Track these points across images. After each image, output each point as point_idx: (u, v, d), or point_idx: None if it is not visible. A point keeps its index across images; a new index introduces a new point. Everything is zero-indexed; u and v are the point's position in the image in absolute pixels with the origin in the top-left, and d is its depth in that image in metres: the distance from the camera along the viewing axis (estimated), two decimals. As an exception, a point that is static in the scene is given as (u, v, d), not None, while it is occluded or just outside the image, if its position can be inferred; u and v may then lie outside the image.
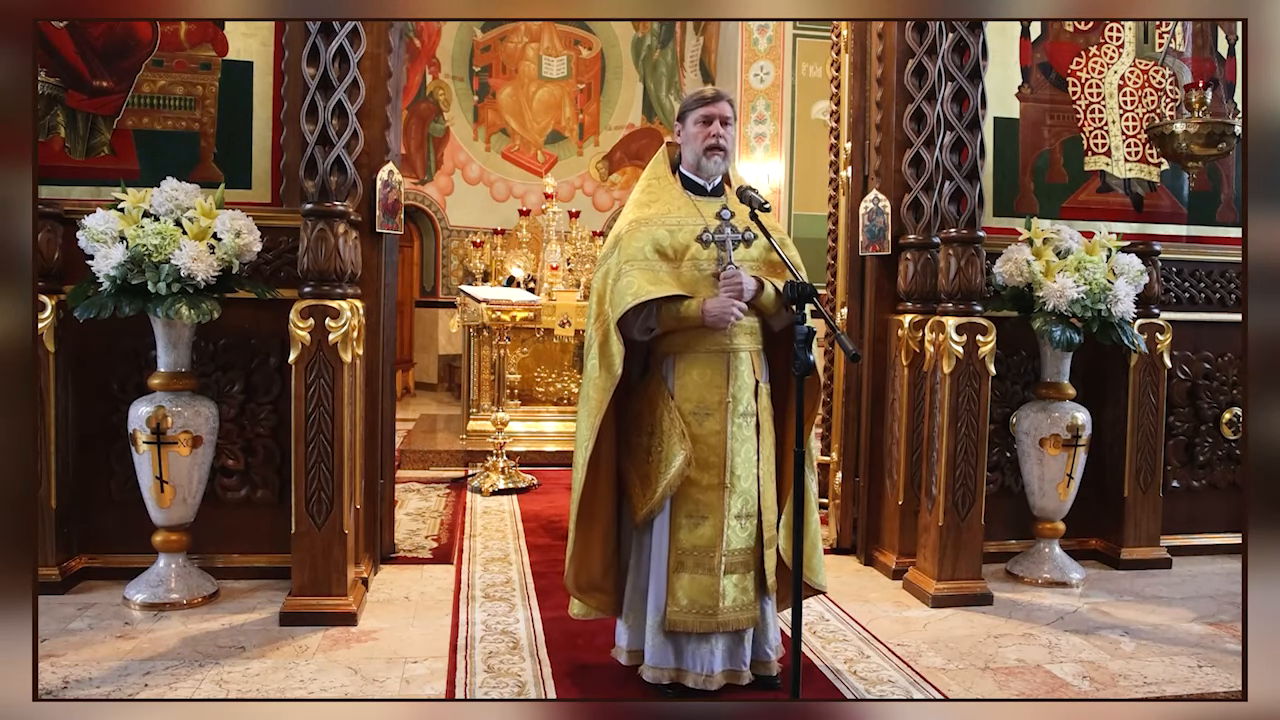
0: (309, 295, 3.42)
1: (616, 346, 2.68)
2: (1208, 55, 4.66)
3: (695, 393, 2.74)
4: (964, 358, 3.74)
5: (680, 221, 2.78)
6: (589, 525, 2.81)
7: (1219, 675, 3.08)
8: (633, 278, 2.68)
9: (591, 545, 2.82)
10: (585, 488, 2.77)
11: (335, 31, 3.45)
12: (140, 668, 2.93)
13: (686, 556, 2.73)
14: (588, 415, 2.75)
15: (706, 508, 2.72)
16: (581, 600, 2.88)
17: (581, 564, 2.82)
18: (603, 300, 2.75)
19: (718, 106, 2.81)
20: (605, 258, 2.81)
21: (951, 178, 3.82)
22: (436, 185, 11.48)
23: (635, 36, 11.89)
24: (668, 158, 2.94)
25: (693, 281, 2.73)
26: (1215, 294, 4.62)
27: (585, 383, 2.78)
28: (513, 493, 5.79)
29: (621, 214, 2.90)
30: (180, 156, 3.81)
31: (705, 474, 2.72)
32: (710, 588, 2.71)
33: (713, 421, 2.73)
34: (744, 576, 2.75)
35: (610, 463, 2.84)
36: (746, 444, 2.75)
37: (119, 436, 3.65)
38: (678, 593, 2.72)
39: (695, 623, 2.71)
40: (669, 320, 2.72)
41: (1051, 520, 4.17)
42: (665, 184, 2.88)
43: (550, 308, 7.14)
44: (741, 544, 2.75)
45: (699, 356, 2.75)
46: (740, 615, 2.74)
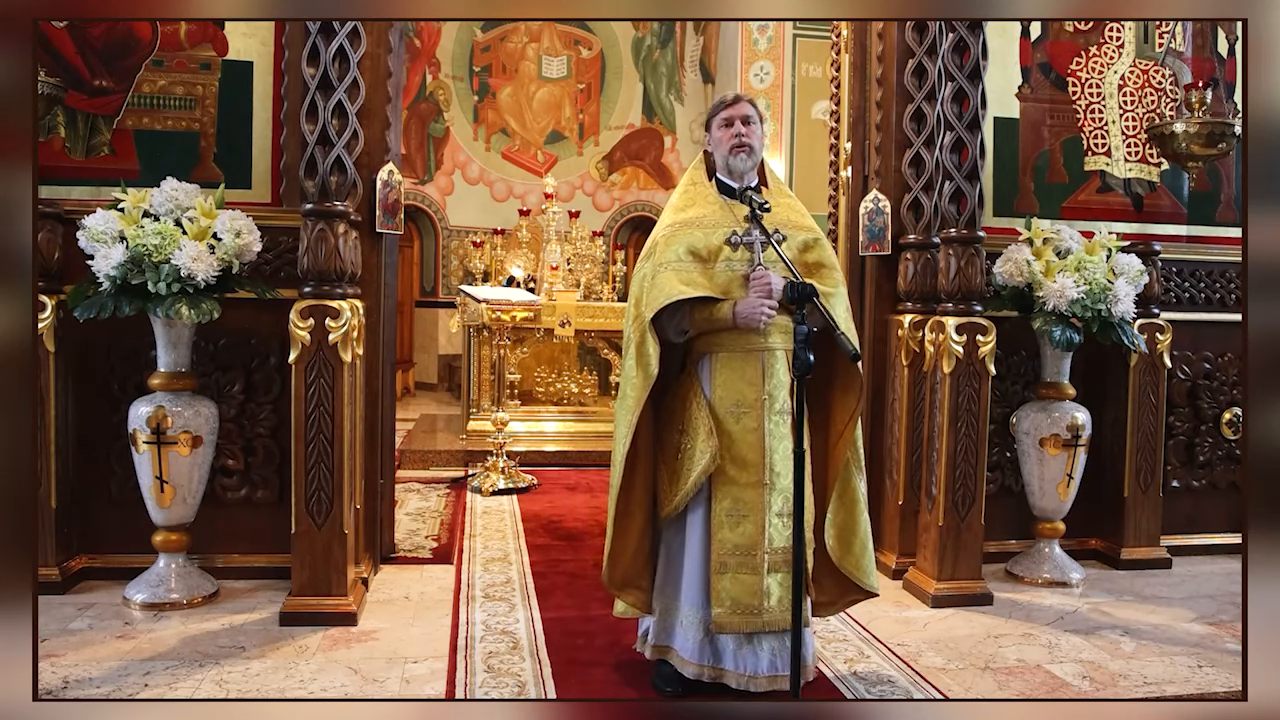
0: (309, 295, 3.42)
1: (652, 347, 2.71)
2: (1208, 55, 4.66)
3: (731, 391, 2.76)
4: (964, 358, 3.74)
5: (715, 224, 2.81)
6: (626, 523, 2.83)
7: (1219, 675, 3.08)
8: (666, 279, 2.72)
9: (629, 543, 2.83)
10: (623, 485, 2.80)
11: (335, 31, 3.45)
12: (140, 668, 2.92)
13: (729, 556, 2.73)
14: (625, 414, 2.77)
15: (747, 506, 2.73)
16: (619, 597, 2.88)
17: (618, 561, 2.83)
18: (639, 303, 2.78)
19: (737, 108, 2.86)
20: (643, 262, 2.85)
21: (951, 178, 3.82)
22: (436, 185, 11.48)
23: (635, 36, 11.89)
24: (704, 164, 2.99)
25: (727, 282, 2.76)
26: (1215, 294, 4.62)
27: (623, 382, 2.81)
28: (513, 493, 5.79)
29: (660, 219, 2.95)
30: (180, 156, 3.81)
31: (745, 472, 2.73)
32: (754, 587, 2.71)
33: (749, 419, 2.74)
34: (788, 575, 2.74)
35: (648, 461, 2.86)
36: (784, 441, 2.76)
37: (119, 436, 3.64)
38: (721, 593, 2.72)
39: (740, 623, 2.71)
40: (701, 322, 2.75)
41: (1051, 520, 4.17)
42: (701, 188, 2.93)
43: (550, 308, 7.15)
44: (784, 542, 2.74)
45: (735, 355, 2.77)
46: (786, 615, 2.72)
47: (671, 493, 2.78)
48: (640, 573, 2.85)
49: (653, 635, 2.88)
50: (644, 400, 2.72)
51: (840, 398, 2.88)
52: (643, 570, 2.86)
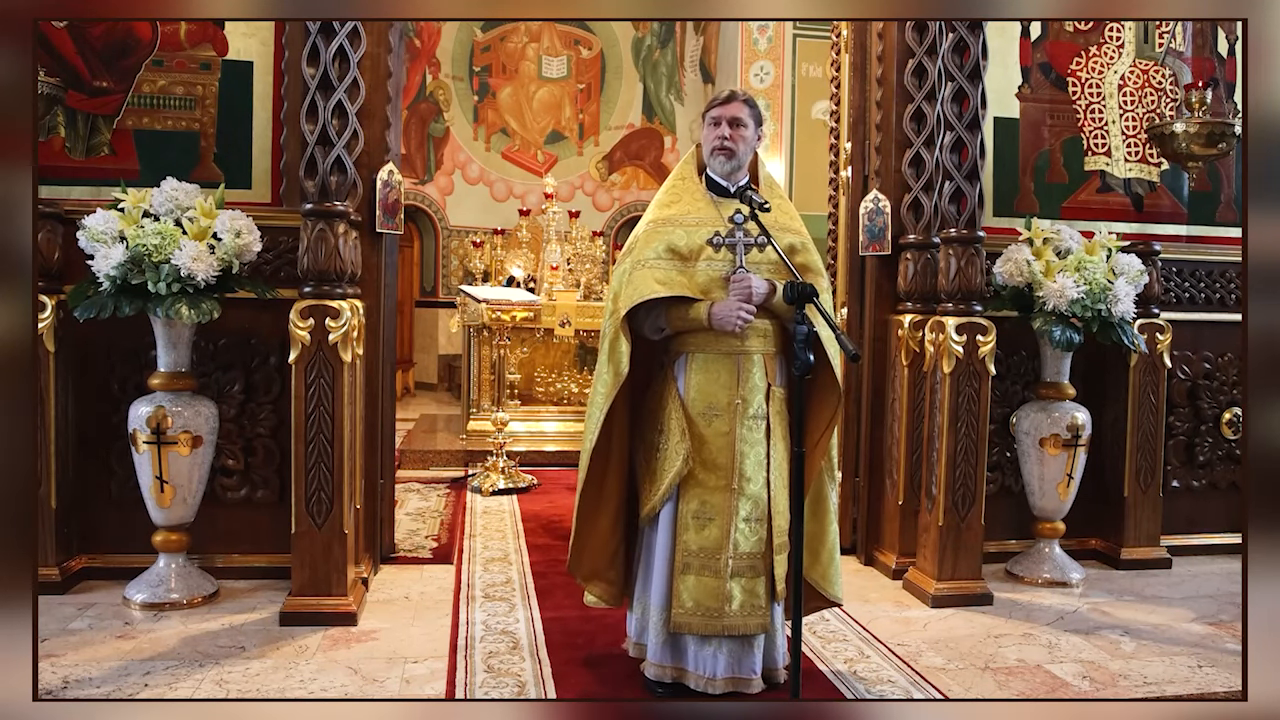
0: (309, 295, 3.42)
1: (624, 345, 2.70)
2: (1208, 55, 4.66)
3: (705, 393, 2.74)
4: (964, 358, 3.74)
5: (699, 222, 2.78)
6: (594, 516, 2.84)
7: (1219, 675, 3.08)
8: (643, 277, 2.70)
9: (595, 535, 2.85)
10: (590, 480, 2.81)
11: (335, 31, 3.45)
12: (140, 668, 2.92)
13: (692, 558, 2.72)
14: (594, 410, 2.78)
15: (714, 509, 2.71)
16: (587, 589, 2.92)
17: (582, 552, 2.86)
18: (616, 299, 2.76)
19: (727, 108, 2.81)
20: (624, 257, 2.83)
21: (951, 178, 3.82)
22: (436, 185, 11.48)
23: (635, 36, 11.89)
24: (696, 159, 2.95)
25: (707, 283, 2.73)
26: (1215, 294, 4.62)
27: (596, 379, 2.80)
28: (513, 493, 5.79)
29: (645, 214, 2.92)
30: (180, 156, 3.81)
31: (713, 475, 2.72)
32: (716, 590, 2.69)
33: (721, 423, 2.73)
34: (753, 581, 2.73)
35: (621, 458, 2.86)
36: (756, 447, 2.74)
37: (119, 436, 3.65)
38: (682, 594, 2.71)
39: (700, 625, 2.70)
40: (677, 321, 2.73)
41: (1051, 520, 4.17)
42: (689, 184, 2.89)
43: (550, 308, 7.15)
44: (750, 548, 2.73)
45: (710, 357, 2.75)
46: (748, 620, 2.72)
47: (651, 493, 2.77)
48: (608, 565, 2.87)
49: (635, 634, 2.90)
50: (613, 398, 2.71)
51: (816, 408, 2.85)
52: (610, 563, 2.87)
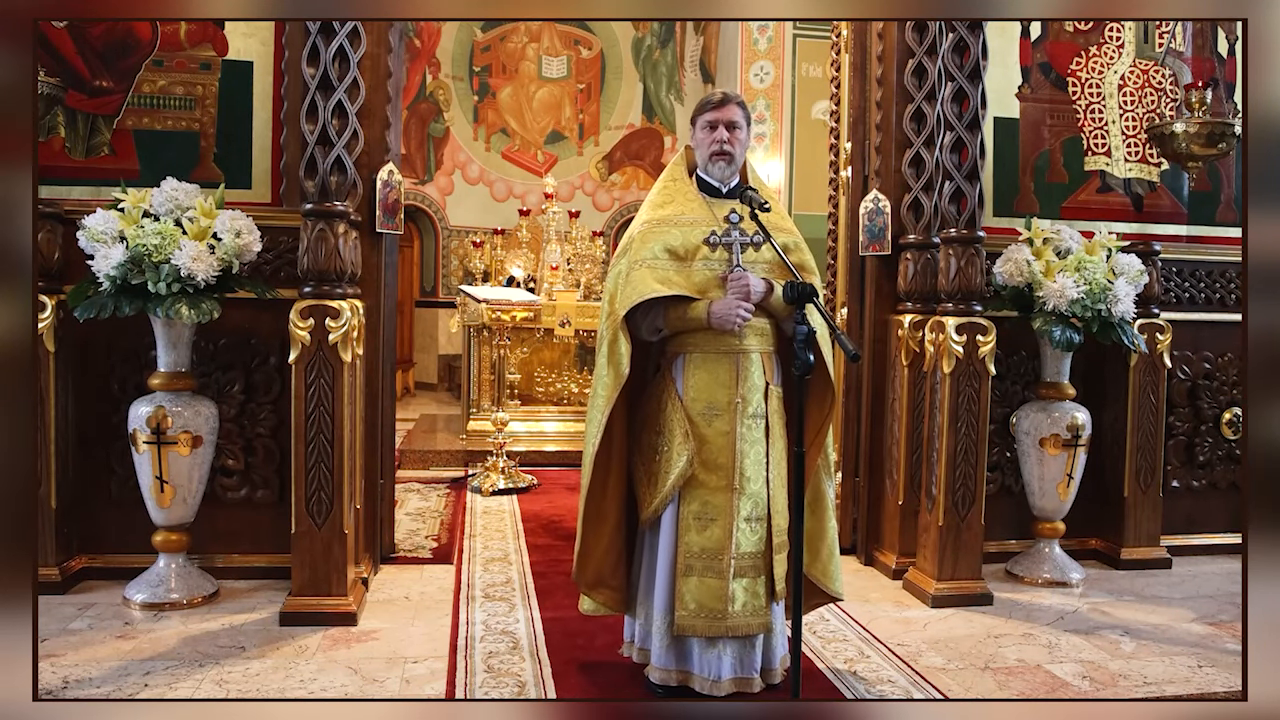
0: (309, 295, 3.42)
1: (624, 346, 2.70)
2: (1208, 55, 4.66)
3: (704, 393, 2.74)
4: (964, 358, 3.74)
5: (694, 222, 2.78)
6: (598, 522, 2.82)
7: (1219, 675, 3.08)
8: (641, 277, 2.69)
9: (599, 542, 2.83)
10: (593, 485, 2.79)
11: (335, 31, 3.45)
12: (140, 668, 2.93)
13: (695, 559, 2.71)
14: (596, 413, 2.76)
15: (715, 509, 2.71)
16: (589, 596, 2.89)
17: (588, 560, 2.84)
18: (613, 299, 2.75)
19: (723, 111, 2.80)
20: (619, 258, 2.83)
21: (951, 178, 3.82)
22: (436, 185, 11.48)
23: (635, 36, 11.89)
24: (686, 160, 2.95)
25: (704, 282, 2.73)
26: (1215, 294, 4.62)
27: (595, 381, 2.79)
28: (513, 493, 5.79)
29: (637, 216, 2.91)
30: (180, 156, 3.81)
31: (714, 475, 2.71)
32: (719, 591, 2.69)
33: (721, 422, 2.72)
34: (754, 581, 2.73)
35: (622, 461, 2.85)
36: (756, 446, 2.74)
37: (119, 436, 3.65)
38: (685, 596, 2.70)
39: (703, 627, 2.69)
40: (675, 321, 2.73)
41: (1051, 520, 4.17)
42: (681, 185, 2.89)
43: (550, 308, 7.14)
44: (751, 547, 2.73)
45: (708, 357, 2.74)
46: (751, 620, 2.72)
47: (651, 495, 2.76)
48: (612, 572, 2.85)
49: (638, 639, 2.88)
50: (615, 400, 2.70)
51: (812, 405, 2.85)
52: (614, 569, 2.85)
